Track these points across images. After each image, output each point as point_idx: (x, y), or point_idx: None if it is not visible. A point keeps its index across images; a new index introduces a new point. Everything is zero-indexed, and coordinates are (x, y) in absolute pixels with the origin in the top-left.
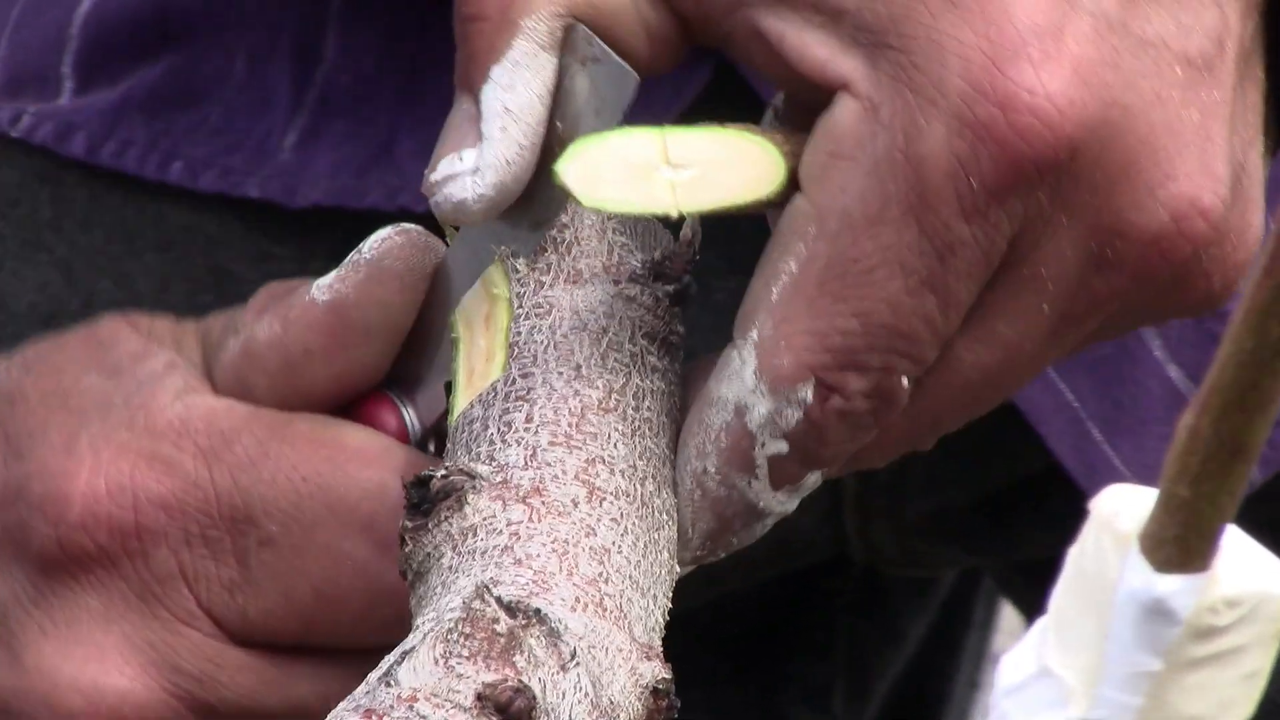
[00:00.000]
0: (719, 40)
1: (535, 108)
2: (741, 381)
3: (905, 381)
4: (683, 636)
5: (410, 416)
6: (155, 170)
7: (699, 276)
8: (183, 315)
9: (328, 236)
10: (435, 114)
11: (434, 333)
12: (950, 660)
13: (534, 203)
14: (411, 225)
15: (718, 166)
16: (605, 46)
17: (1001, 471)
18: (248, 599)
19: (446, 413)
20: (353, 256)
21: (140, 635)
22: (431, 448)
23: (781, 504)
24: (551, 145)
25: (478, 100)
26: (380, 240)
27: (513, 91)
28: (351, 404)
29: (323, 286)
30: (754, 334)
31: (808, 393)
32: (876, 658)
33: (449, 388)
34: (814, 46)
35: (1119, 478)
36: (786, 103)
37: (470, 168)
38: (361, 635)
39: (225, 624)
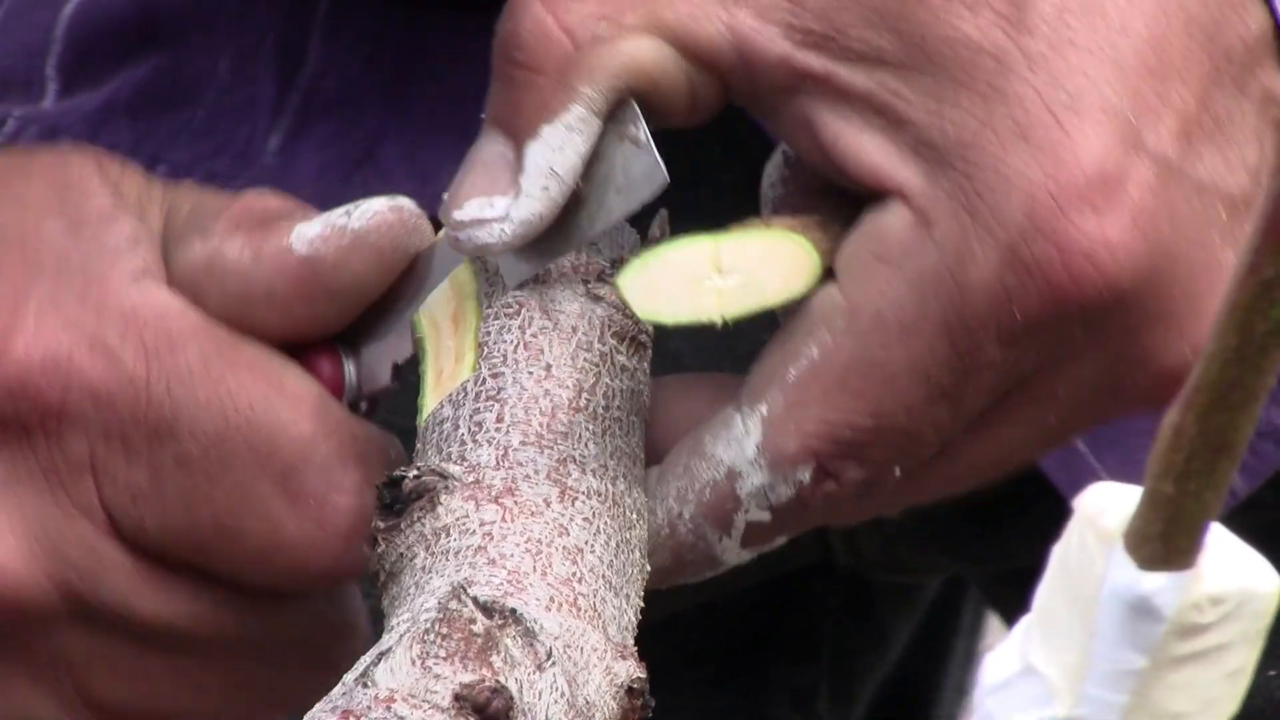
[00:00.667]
0: (764, 116)
1: (575, 169)
2: (741, 450)
3: (897, 472)
4: (668, 641)
5: (350, 372)
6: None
7: None
8: None
9: None
10: (419, 119)
11: (398, 301)
12: (937, 665)
13: (540, 244)
14: (406, 202)
15: (759, 267)
16: (649, 136)
17: None
18: (149, 510)
19: (388, 387)
20: (339, 217)
21: (34, 512)
22: (363, 408)
23: (739, 558)
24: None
25: (520, 150)
26: (372, 212)
27: (560, 154)
28: (297, 344)
29: (304, 238)
30: (763, 408)
31: (806, 475)
32: (862, 661)
33: (396, 370)
34: (871, 150)
35: None
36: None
37: (501, 215)
38: (251, 575)
39: (121, 526)
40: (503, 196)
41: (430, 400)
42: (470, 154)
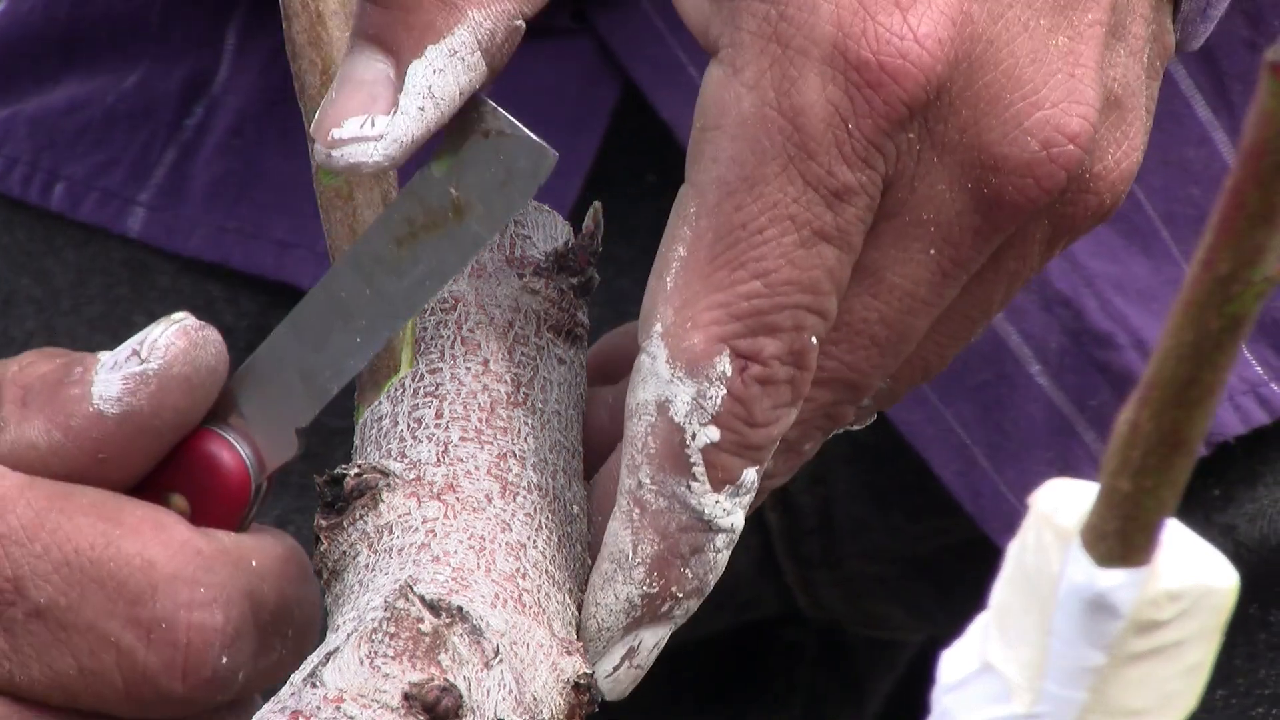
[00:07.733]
0: None
1: (455, 100)
2: (657, 378)
3: (814, 340)
4: (639, 684)
5: (247, 454)
6: (38, 196)
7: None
8: (100, 308)
9: None
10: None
11: (281, 363)
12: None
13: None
14: (184, 318)
15: None
16: (515, 122)
17: (930, 526)
18: (14, 667)
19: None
20: (133, 365)
21: None
22: (263, 486)
23: (727, 512)
24: (445, 206)
25: (402, 70)
26: (163, 347)
27: (442, 77)
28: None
29: (108, 398)
30: (658, 327)
31: (725, 365)
32: (837, 713)
33: (301, 435)
34: (690, 8)
35: (1004, 503)
36: None
37: (377, 135)
38: (127, 711)
39: None
40: (384, 115)
41: (368, 397)
42: (343, 71)
